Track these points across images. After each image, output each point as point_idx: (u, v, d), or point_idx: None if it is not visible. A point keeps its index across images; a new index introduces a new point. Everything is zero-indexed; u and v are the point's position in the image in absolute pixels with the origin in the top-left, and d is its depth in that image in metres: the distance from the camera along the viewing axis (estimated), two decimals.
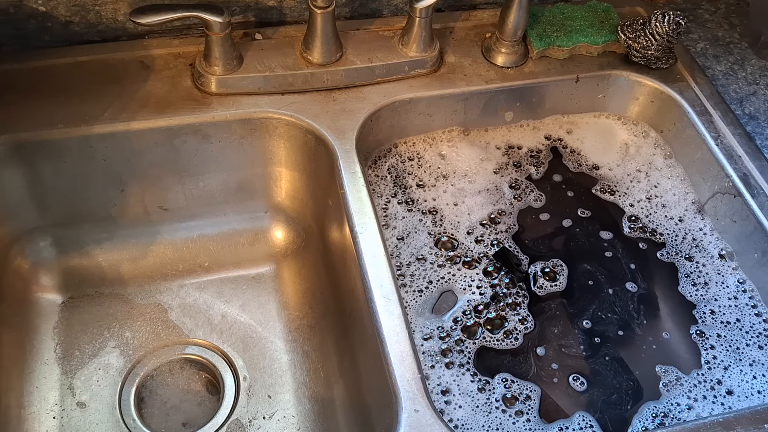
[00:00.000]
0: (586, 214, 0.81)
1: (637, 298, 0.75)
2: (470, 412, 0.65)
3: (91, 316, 0.79)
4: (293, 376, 0.77)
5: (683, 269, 0.76)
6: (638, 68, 0.84)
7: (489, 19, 0.87)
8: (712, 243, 0.78)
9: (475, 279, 0.74)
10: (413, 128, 0.83)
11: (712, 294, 0.74)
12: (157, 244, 0.83)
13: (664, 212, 0.81)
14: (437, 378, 0.67)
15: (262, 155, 0.79)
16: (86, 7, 0.75)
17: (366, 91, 0.78)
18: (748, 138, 0.79)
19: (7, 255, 0.78)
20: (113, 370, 0.76)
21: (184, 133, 0.75)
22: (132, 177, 0.77)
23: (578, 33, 0.84)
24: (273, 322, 0.81)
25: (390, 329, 0.62)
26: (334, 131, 0.74)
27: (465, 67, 0.82)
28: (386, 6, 0.84)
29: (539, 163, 0.84)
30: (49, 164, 0.73)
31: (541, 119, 0.87)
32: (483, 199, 0.80)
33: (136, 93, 0.75)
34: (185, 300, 0.81)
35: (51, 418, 0.72)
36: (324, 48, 0.76)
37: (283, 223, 0.85)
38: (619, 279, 0.76)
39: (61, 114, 0.72)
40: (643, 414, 0.67)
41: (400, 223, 0.77)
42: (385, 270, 0.65)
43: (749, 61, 0.88)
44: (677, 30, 0.79)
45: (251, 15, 0.81)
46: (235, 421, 0.74)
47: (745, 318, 0.72)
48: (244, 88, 0.76)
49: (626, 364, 0.70)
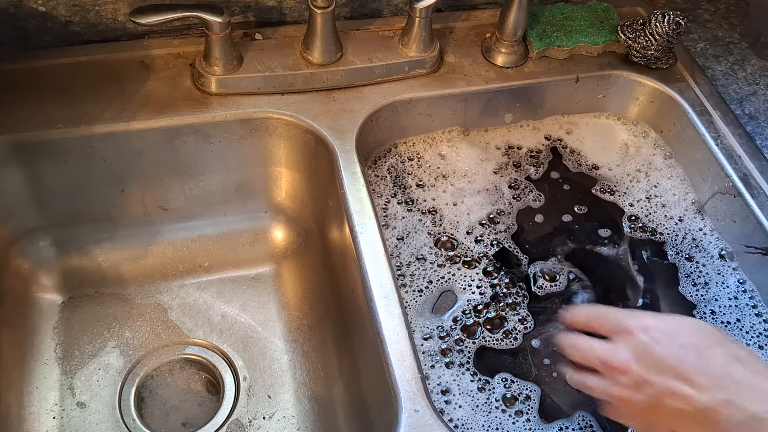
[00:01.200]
0: (585, 214, 0.81)
1: (638, 297, 0.75)
2: (470, 411, 0.65)
3: (91, 316, 0.79)
4: (293, 376, 0.77)
5: (683, 269, 0.76)
6: (638, 68, 0.84)
7: (489, 19, 0.87)
8: (712, 243, 0.78)
9: (475, 279, 0.74)
10: (413, 128, 0.83)
11: (712, 294, 0.74)
12: (157, 244, 0.83)
13: (664, 212, 0.81)
14: (437, 378, 0.67)
15: (262, 155, 0.79)
16: (86, 7, 0.75)
17: (366, 91, 0.79)
18: (748, 138, 0.79)
19: (7, 255, 0.78)
20: (113, 370, 0.76)
21: (184, 133, 0.75)
22: (132, 177, 0.77)
23: (578, 33, 0.84)
24: (273, 322, 0.81)
25: (390, 329, 0.62)
26: (334, 131, 0.74)
27: (465, 67, 0.82)
28: (386, 6, 0.84)
29: (539, 163, 0.84)
30: (49, 164, 0.73)
31: (540, 119, 0.87)
32: (482, 199, 0.80)
33: (136, 93, 0.75)
34: (185, 300, 0.81)
35: (51, 418, 0.72)
36: (324, 48, 0.76)
37: (283, 223, 0.85)
38: (619, 279, 0.76)
39: (61, 114, 0.72)
40: None
41: (400, 223, 0.77)
42: (385, 270, 0.65)
43: (749, 61, 0.88)
44: (677, 30, 0.79)
45: (251, 15, 0.81)
46: (235, 421, 0.74)
47: (746, 318, 0.72)
48: (244, 88, 0.76)
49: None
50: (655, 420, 0.50)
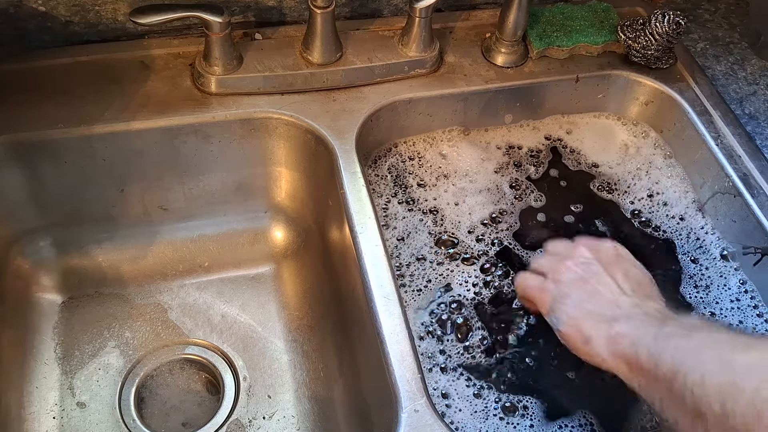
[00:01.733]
0: (585, 213, 0.81)
1: None
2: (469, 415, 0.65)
3: (91, 316, 0.79)
4: (293, 376, 0.77)
5: (685, 270, 0.76)
6: (638, 68, 0.84)
7: (489, 19, 0.87)
8: (713, 243, 0.78)
9: (471, 275, 0.74)
10: (413, 128, 0.83)
11: (713, 296, 0.74)
12: (157, 244, 0.83)
13: (665, 212, 0.81)
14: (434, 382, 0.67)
15: (262, 155, 0.79)
16: (86, 7, 0.75)
17: (366, 91, 0.79)
18: (748, 138, 0.79)
19: (7, 255, 0.78)
20: (113, 370, 0.76)
21: (184, 133, 0.75)
22: (132, 177, 0.77)
23: (578, 33, 0.84)
24: (273, 322, 0.81)
25: (390, 329, 0.62)
26: (334, 131, 0.74)
27: (465, 67, 0.82)
28: (386, 6, 0.84)
29: (539, 162, 0.84)
30: (49, 164, 0.73)
31: (540, 119, 0.87)
32: (484, 199, 0.80)
33: (136, 93, 0.75)
34: (185, 300, 0.81)
35: (51, 418, 0.72)
36: (324, 48, 0.76)
37: (283, 223, 0.85)
38: None
39: (61, 114, 0.72)
40: (643, 413, 0.66)
41: (401, 223, 0.77)
42: (385, 270, 0.65)
43: (749, 61, 0.88)
44: (677, 30, 0.79)
45: (251, 15, 0.81)
46: (235, 421, 0.74)
47: (748, 319, 0.72)
48: (244, 88, 0.76)
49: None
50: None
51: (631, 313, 0.55)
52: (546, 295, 0.60)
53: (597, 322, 0.55)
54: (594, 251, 0.61)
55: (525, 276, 0.64)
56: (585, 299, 0.58)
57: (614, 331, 0.54)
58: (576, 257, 0.61)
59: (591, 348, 0.55)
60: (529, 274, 0.64)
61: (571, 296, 0.58)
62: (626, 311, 0.55)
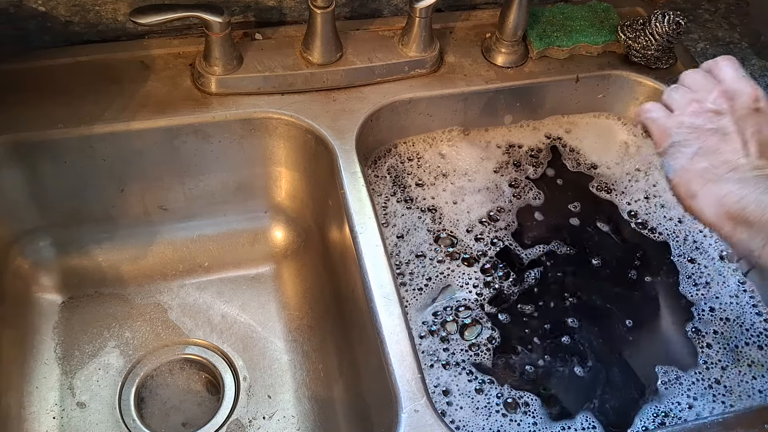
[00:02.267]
0: (585, 213, 0.81)
1: (638, 297, 0.75)
2: (470, 413, 0.65)
3: (91, 316, 0.79)
4: (293, 376, 0.77)
5: (684, 269, 0.76)
6: (638, 68, 0.84)
7: (489, 19, 0.87)
8: (712, 245, 0.78)
9: (472, 276, 0.74)
10: (413, 128, 0.83)
11: (712, 294, 0.74)
12: (157, 244, 0.83)
13: (663, 212, 0.81)
14: (436, 379, 0.67)
15: (262, 155, 0.79)
16: (86, 7, 0.75)
17: (366, 91, 0.79)
18: None
19: (7, 255, 0.78)
20: (113, 370, 0.76)
21: (184, 133, 0.75)
22: (132, 177, 0.77)
23: (578, 33, 0.84)
24: (273, 322, 0.81)
25: (390, 329, 0.62)
26: (334, 131, 0.74)
27: (465, 67, 0.82)
28: (386, 6, 0.84)
29: (539, 162, 0.84)
30: (49, 164, 0.73)
31: (540, 119, 0.87)
32: (483, 198, 0.80)
33: (136, 93, 0.75)
34: (185, 300, 0.81)
35: (51, 418, 0.72)
36: (324, 48, 0.76)
37: (283, 223, 0.85)
38: (619, 277, 0.76)
39: (61, 114, 0.72)
40: (644, 413, 0.67)
41: (400, 220, 0.77)
42: (385, 270, 0.65)
43: (749, 61, 0.88)
44: (677, 30, 0.79)
45: (251, 15, 0.81)
46: (235, 421, 0.74)
47: (746, 318, 0.72)
48: (244, 88, 0.76)
49: (627, 363, 0.70)
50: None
51: (746, 177, 0.53)
52: (665, 136, 0.58)
53: (708, 182, 0.54)
54: (729, 99, 0.56)
55: (650, 107, 0.60)
56: (702, 154, 0.55)
57: (723, 192, 0.53)
58: (710, 101, 0.57)
59: (695, 203, 0.55)
60: (655, 105, 0.60)
61: (689, 146, 0.56)
62: (742, 174, 0.54)
